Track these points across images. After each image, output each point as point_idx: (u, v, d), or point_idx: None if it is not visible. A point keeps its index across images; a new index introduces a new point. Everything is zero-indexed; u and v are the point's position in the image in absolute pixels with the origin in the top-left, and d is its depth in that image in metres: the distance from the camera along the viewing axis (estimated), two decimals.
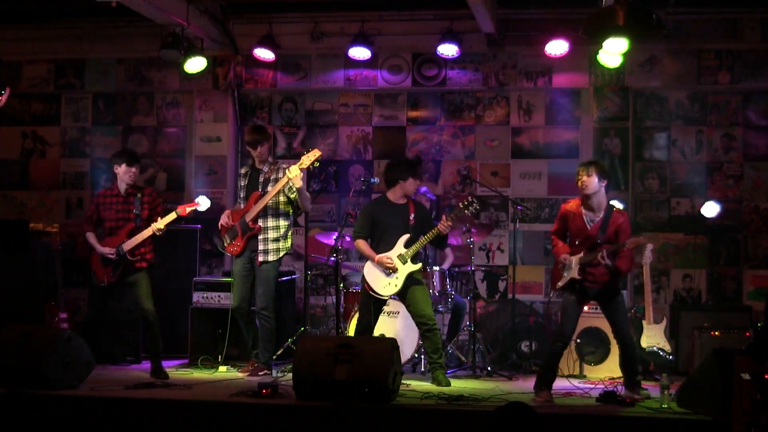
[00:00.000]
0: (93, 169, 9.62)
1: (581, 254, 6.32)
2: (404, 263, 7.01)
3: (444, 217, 7.05)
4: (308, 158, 7.05)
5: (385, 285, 7.04)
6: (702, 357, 6.89)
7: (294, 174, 6.98)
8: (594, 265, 6.28)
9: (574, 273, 6.32)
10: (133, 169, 7.15)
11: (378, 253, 7.07)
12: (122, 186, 7.19)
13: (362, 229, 7.20)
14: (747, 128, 8.81)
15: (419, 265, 7.06)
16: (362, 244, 7.18)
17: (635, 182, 8.90)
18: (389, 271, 7.01)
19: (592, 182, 6.30)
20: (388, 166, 7.34)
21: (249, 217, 7.24)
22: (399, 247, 7.04)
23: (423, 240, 6.98)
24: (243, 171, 7.57)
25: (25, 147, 9.78)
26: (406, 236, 7.04)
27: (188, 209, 7.25)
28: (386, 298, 7.10)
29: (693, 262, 8.75)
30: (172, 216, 7.10)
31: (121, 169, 7.14)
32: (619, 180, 8.82)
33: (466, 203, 6.98)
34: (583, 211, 6.39)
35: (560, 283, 6.42)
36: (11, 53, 9.29)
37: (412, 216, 7.11)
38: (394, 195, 7.18)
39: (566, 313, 6.40)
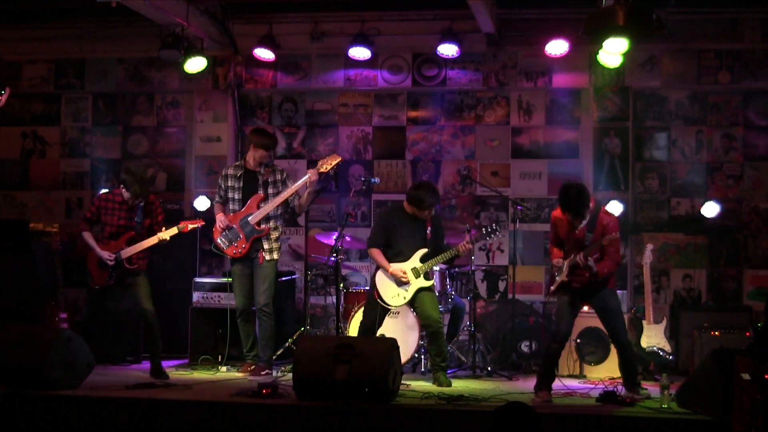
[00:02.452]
0: (93, 169, 9.62)
1: (571, 257, 6.34)
2: (417, 277, 7.08)
3: (466, 239, 7.12)
4: (328, 163, 7.27)
5: (394, 295, 7.12)
6: (702, 357, 6.88)
7: (314, 177, 7.22)
8: (582, 267, 6.26)
9: (563, 276, 6.36)
10: (136, 199, 7.11)
11: (391, 263, 7.12)
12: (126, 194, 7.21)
13: (377, 239, 7.26)
14: (747, 128, 8.80)
15: (431, 282, 7.13)
16: (377, 254, 7.22)
17: (635, 182, 8.89)
18: (401, 282, 7.07)
19: (586, 218, 6.29)
20: (419, 194, 7.10)
21: (255, 220, 7.25)
22: (414, 260, 7.11)
23: (439, 258, 7.07)
24: (231, 172, 7.49)
25: (25, 147, 9.78)
26: (423, 250, 7.11)
27: (191, 226, 7.30)
28: (393, 308, 7.15)
29: (693, 262, 8.74)
30: (174, 231, 7.16)
31: (125, 194, 7.12)
32: (619, 180, 8.82)
33: (489, 230, 7.08)
34: (570, 216, 6.37)
35: (552, 288, 6.49)
36: (11, 53, 9.26)
37: (429, 229, 7.17)
38: (411, 210, 7.19)
39: (560, 313, 6.46)
